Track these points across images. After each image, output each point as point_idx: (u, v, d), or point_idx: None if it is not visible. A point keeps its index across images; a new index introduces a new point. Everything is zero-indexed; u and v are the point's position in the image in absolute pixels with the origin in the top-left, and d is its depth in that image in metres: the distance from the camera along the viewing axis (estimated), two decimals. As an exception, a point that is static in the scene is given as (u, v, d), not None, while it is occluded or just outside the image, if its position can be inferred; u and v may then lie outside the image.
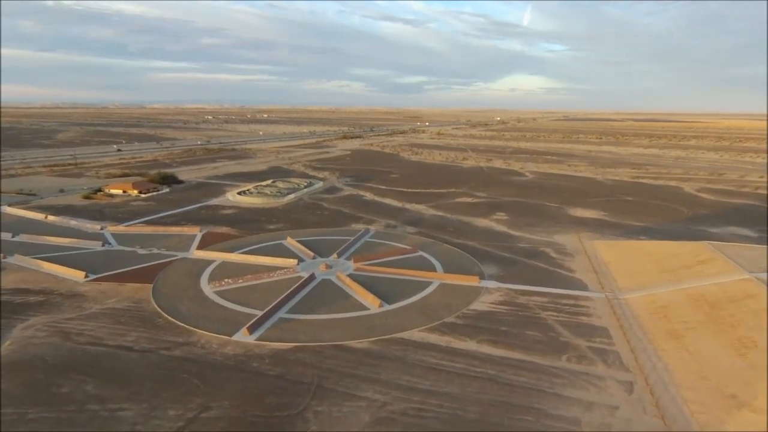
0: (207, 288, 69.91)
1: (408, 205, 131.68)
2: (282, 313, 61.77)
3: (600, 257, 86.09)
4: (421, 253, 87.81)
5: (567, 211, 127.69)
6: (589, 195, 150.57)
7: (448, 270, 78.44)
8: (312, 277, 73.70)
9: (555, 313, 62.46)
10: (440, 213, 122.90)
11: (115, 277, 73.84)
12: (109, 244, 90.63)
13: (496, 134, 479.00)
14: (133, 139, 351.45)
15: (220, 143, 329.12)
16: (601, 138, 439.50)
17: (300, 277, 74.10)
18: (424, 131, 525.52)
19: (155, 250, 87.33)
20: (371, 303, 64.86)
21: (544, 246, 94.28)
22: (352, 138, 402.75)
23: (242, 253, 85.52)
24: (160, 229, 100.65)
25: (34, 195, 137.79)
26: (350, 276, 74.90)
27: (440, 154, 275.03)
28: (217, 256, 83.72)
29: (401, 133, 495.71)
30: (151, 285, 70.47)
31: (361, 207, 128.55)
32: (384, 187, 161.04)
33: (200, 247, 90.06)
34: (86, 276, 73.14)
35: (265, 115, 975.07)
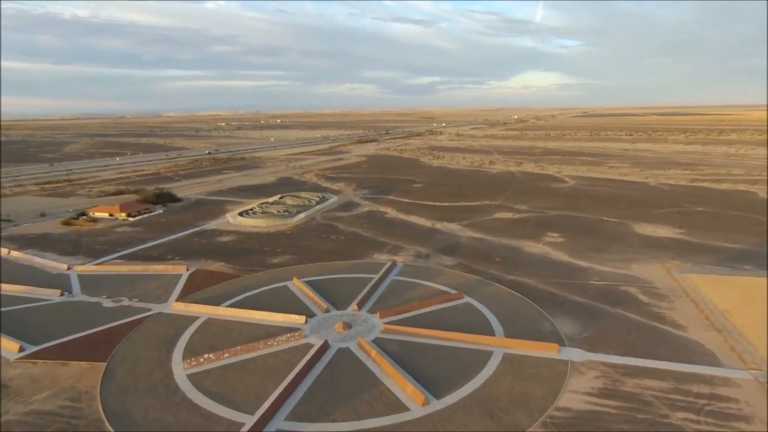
0: (179, 369, 50.21)
1: (439, 225, 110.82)
2: (280, 421, 41.64)
3: (710, 301, 64.13)
4: (467, 299, 66.96)
5: (632, 227, 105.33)
6: (650, 205, 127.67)
7: (509, 329, 57.48)
8: (325, 347, 53.52)
9: (693, 416, 41.07)
10: (479, 235, 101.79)
11: (59, 349, 54.67)
12: (70, 293, 71.79)
13: (518, 133, 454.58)
14: (139, 150, 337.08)
15: (229, 152, 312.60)
16: (632, 135, 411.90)
17: (308, 346, 54.03)
18: (441, 132, 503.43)
19: (125, 302, 68.19)
20: (411, 397, 44.34)
21: (626, 283, 72.57)
22: (366, 142, 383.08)
23: (234, 305, 65.79)
24: (139, 268, 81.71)
25: (10, 221, 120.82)
26: (377, 342, 54.60)
27: (464, 157, 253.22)
28: (202, 310, 64.13)
29: (418, 135, 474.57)
30: (104, 364, 51.13)
31: (383, 228, 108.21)
32: (407, 200, 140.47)
33: (184, 292, 70.76)
34: (21, 350, 54.17)
35: (279, 121, 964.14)
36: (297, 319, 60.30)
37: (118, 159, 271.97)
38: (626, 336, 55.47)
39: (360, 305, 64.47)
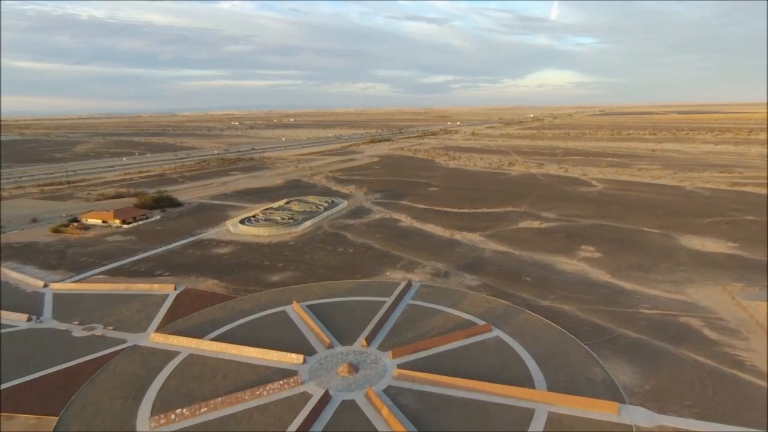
0: (145, 426, 40.64)
1: (458, 235, 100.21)
2: None
3: (795, 341, 52.59)
4: (497, 332, 56.44)
5: (678, 240, 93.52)
6: (693, 213, 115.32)
7: (552, 376, 46.84)
8: (326, 399, 43.53)
9: None
10: (504, 248, 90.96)
11: (8, 396, 45.59)
12: (38, 317, 62.94)
13: (536, 133, 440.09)
14: (148, 150, 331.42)
15: (239, 152, 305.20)
16: (656, 134, 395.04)
17: (305, 396, 44.16)
18: (456, 132, 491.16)
19: (99, 330, 59.09)
20: (433, 482, 34.05)
21: (684, 312, 61.31)
22: (380, 141, 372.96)
23: (221, 337, 56.17)
24: (121, 287, 72.65)
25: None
26: (389, 393, 44.50)
27: (481, 158, 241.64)
28: (183, 343, 54.61)
29: (432, 134, 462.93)
30: (56, 419, 41.83)
31: (396, 239, 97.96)
32: (423, 206, 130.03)
33: (167, 318, 61.52)
34: (-38, 397, 45.18)
35: (292, 120, 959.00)
36: (293, 359, 50.41)
37: (124, 159, 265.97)
38: (701, 390, 44.43)
39: (369, 340, 54.37)
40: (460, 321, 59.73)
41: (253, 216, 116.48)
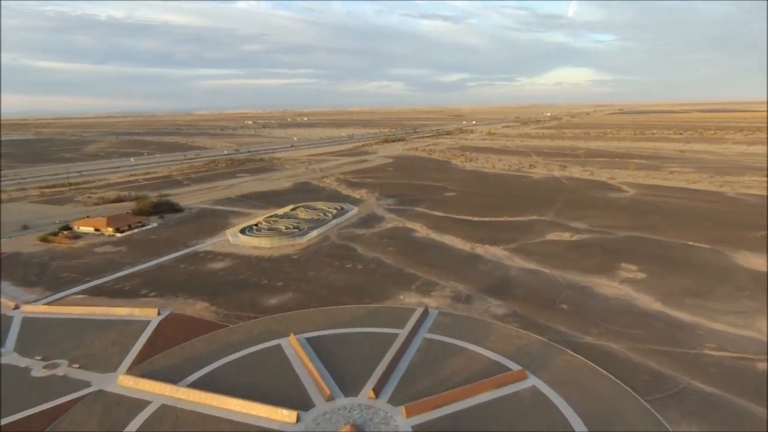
0: None
1: (480, 249, 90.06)
2: None
3: None
4: (533, 380, 46.40)
5: (733, 258, 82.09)
6: (743, 224, 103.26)
7: (610, 451, 36.74)
8: (320, 480, 34.15)
9: None
10: (532, 265, 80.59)
11: (-67, 463, 37.12)
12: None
13: (555, 132, 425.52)
14: (159, 149, 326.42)
15: (249, 152, 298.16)
16: (681, 133, 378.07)
17: (296, 475, 34.79)
18: (472, 131, 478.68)
19: (61, 368, 50.56)
20: None
21: (760, 355, 50.51)
22: (393, 141, 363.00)
23: (201, 382, 47.05)
24: (99, 311, 64.17)
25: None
26: (402, 471, 34.92)
27: (500, 159, 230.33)
28: (156, 390, 45.65)
29: (447, 133, 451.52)
30: (-20, 502, 33.17)
31: (411, 253, 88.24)
32: (440, 214, 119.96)
33: (144, 353, 52.82)
34: None
35: (305, 119, 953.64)
36: (285, 417, 41.07)
37: (132, 159, 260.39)
38: (812, 478, 33.89)
39: (378, 389, 44.77)
40: (487, 363, 49.85)
41: (256, 224, 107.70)
